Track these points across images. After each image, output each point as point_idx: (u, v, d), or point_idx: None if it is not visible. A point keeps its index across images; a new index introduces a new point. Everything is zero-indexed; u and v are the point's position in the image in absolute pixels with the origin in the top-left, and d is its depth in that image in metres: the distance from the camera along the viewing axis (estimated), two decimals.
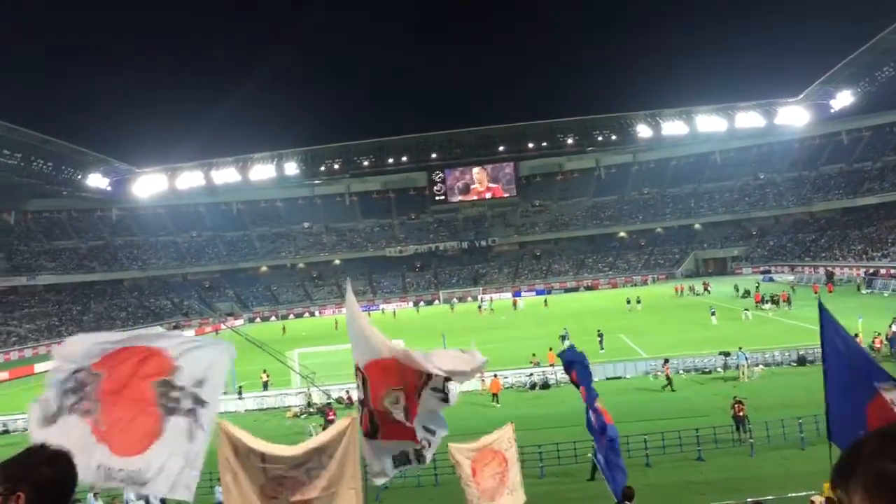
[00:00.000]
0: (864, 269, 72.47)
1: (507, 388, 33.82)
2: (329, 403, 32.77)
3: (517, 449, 13.79)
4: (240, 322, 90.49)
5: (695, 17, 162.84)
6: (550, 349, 37.93)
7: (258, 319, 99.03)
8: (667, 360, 32.31)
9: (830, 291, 64.74)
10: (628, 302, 67.59)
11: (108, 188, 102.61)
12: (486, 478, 12.71)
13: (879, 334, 33.54)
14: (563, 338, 43.44)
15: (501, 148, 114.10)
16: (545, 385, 33.96)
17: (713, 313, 51.60)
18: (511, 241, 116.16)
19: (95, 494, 20.17)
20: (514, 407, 30.22)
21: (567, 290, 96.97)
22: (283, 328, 76.32)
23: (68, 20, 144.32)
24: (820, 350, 28.86)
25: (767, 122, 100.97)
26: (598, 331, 45.35)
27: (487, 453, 12.93)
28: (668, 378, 31.31)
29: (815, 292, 65.48)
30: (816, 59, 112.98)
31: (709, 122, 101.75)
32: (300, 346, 47.68)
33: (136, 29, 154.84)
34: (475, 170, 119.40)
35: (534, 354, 38.15)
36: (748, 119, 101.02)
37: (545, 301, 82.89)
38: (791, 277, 79.18)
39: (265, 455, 7.14)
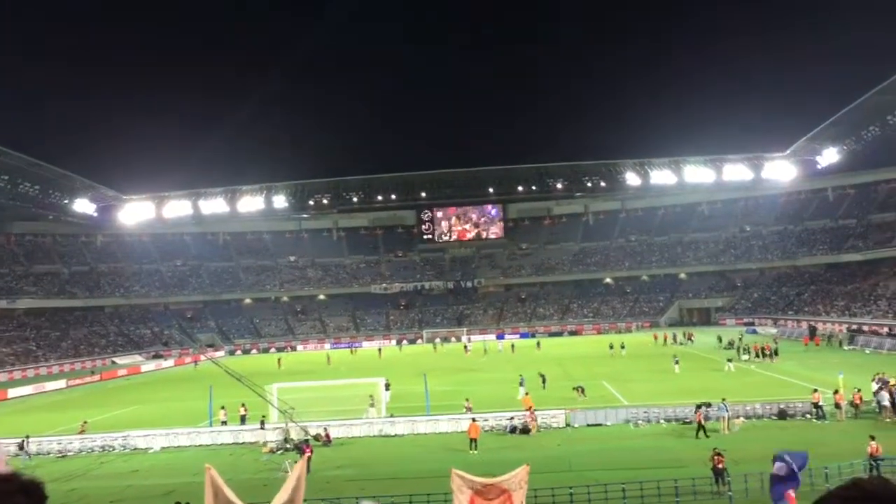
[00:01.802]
0: (847, 325, 72.83)
1: (487, 431, 33.45)
2: (307, 440, 32.33)
3: (526, 492, 13.57)
4: (220, 354, 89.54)
5: (686, 70, 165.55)
6: (527, 393, 37.76)
7: (239, 352, 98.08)
8: (699, 406, 31.92)
9: (818, 344, 65.66)
10: (611, 347, 68.27)
11: (95, 214, 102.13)
12: None
13: (860, 390, 33.52)
14: (521, 384, 43.41)
15: (490, 190, 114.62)
16: (525, 429, 33.62)
17: (676, 362, 52.43)
18: (497, 283, 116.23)
19: None
20: (493, 452, 29.83)
21: (551, 335, 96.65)
22: (279, 361, 75.27)
23: (61, 44, 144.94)
24: (801, 405, 28.89)
25: (755, 175, 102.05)
26: (540, 373, 46.85)
27: (494, 490, 12.73)
28: (700, 424, 30.91)
29: (806, 344, 66.07)
30: (804, 116, 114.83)
31: (697, 173, 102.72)
32: (292, 380, 47.25)
33: (129, 55, 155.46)
34: (463, 210, 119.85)
35: (467, 399, 37.78)
36: (735, 171, 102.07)
37: (538, 343, 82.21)
38: (774, 330, 79.39)
39: None
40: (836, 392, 32.81)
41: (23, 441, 34.41)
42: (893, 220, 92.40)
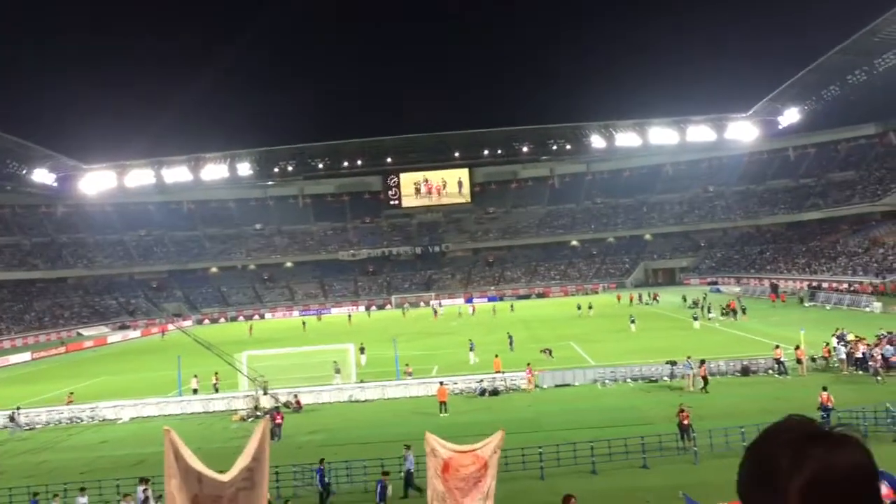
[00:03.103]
0: (808, 283, 74.31)
1: (457, 394, 33.78)
2: (277, 407, 32.42)
3: (499, 458, 13.64)
4: (188, 323, 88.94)
5: (649, 32, 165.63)
6: (496, 356, 38.15)
7: (206, 321, 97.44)
8: (703, 361, 32.31)
9: (784, 301, 67.23)
10: (579, 308, 69.60)
11: (54, 184, 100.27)
12: (457, 479, 12.50)
13: (828, 344, 34.50)
14: (471, 348, 43.99)
15: (457, 154, 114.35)
16: (495, 392, 34.01)
17: (633, 321, 53.69)
18: (464, 248, 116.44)
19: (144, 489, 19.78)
20: (463, 414, 30.18)
21: (519, 297, 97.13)
22: (251, 328, 75.31)
23: (16, 11, 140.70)
24: (763, 361, 29.45)
25: (718, 136, 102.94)
26: (508, 333, 49.00)
27: (469, 456, 12.75)
28: (704, 379, 31.48)
29: (773, 301, 67.53)
30: (765, 77, 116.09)
31: (661, 135, 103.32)
32: (264, 347, 47.18)
33: (87, 21, 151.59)
34: (430, 175, 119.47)
35: (407, 364, 38.40)
36: (699, 132, 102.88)
37: (511, 306, 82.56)
38: (737, 289, 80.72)
39: (201, 476, 7.23)
40: (797, 348, 33.58)
41: (13, 413, 34.18)
42: (853, 179, 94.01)
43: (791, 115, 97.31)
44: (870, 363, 31.56)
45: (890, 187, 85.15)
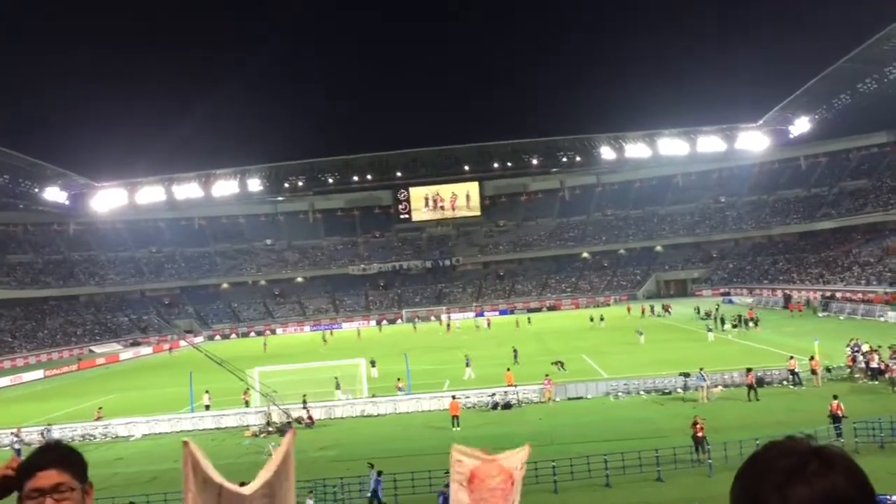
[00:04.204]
0: (821, 293, 73.80)
1: (469, 408, 33.65)
2: (289, 423, 32.36)
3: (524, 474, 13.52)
4: (199, 339, 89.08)
5: (659, 42, 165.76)
6: (508, 370, 38.01)
7: (218, 337, 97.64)
8: (749, 370, 32.25)
9: (800, 311, 67.09)
10: (591, 319, 69.83)
11: (66, 202, 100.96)
12: (483, 489, 12.38)
13: (852, 353, 34.40)
14: (467, 363, 43.52)
15: (466, 167, 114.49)
16: (507, 405, 33.87)
17: (640, 334, 53.37)
18: (475, 261, 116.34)
19: None
20: (476, 428, 30.05)
21: (530, 310, 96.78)
22: (265, 344, 75.24)
23: (30, 31, 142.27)
24: (777, 372, 29.19)
25: (728, 146, 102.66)
26: (514, 348, 48.34)
27: (495, 467, 12.65)
28: (750, 386, 31.28)
29: (791, 311, 67.41)
30: (776, 86, 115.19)
31: (671, 146, 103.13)
32: (280, 362, 47.15)
33: (99, 41, 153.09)
34: (440, 189, 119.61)
35: (398, 379, 38.14)
36: (709, 143, 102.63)
37: (528, 319, 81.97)
38: (750, 300, 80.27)
39: (221, 489, 7.13)
40: (811, 358, 33.32)
41: (43, 430, 34.26)
42: (865, 187, 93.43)
43: (802, 125, 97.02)
44: (886, 374, 31.30)
45: None
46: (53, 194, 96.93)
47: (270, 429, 32.73)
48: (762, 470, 1.43)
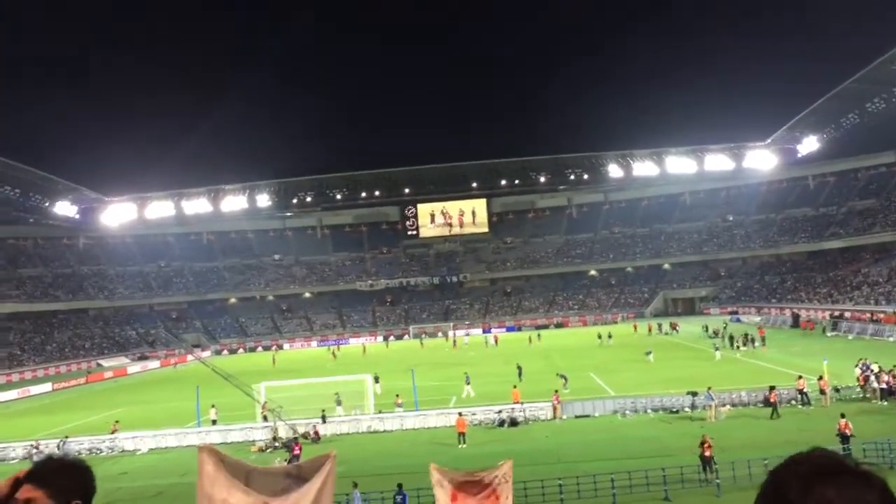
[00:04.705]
0: (829, 312, 73.49)
1: (476, 425, 33.57)
2: (295, 438, 32.32)
3: (512, 487, 13.50)
4: (207, 354, 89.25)
5: (668, 61, 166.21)
6: (515, 387, 37.89)
7: (225, 351, 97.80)
8: (773, 388, 32.17)
9: (811, 329, 67.64)
10: (599, 337, 69.80)
11: (77, 216, 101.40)
12: None
13: (865, 372, 34.09)
14: (467, 381, 43.05)
15: (474, 184, 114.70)
16: (514, 422, 33.78)
17: (648, 353, 53.06)
18: (482, 278, 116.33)
19: None
20: (482, 445, 29.95)
21: (537, 328, 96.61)
22: (274, 359, 75.70)
23: (42, 45, 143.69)
24: (786, 392, 29.02)
25: (736, 164, 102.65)
26: (518, 365, 47.71)
27: (476, 485, 12.63)
28: (773, 404, 31.31)
29: (803, 328, 67.53)
30: (784, 105, 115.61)
31: (679, 164, 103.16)
32: (289, 377, 47.24)
33: (109, 56, 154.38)
34: (448, 205, 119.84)
35: (397, 395, 37.92)
36: (717, 161, 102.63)
37: (538, 335, 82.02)
38: (758, 319, 79.96)
39: (249, 474, 7.06)
40: (820, 378, 33.16)
41: (59, 443, 34.38)
42: (874, 207, 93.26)
43: (810, 144, 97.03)
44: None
45: None
46: (64, 208, 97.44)
47: (277, 444, 32.70)
48: (796, 463, 1.43)
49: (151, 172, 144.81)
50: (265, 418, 36.62)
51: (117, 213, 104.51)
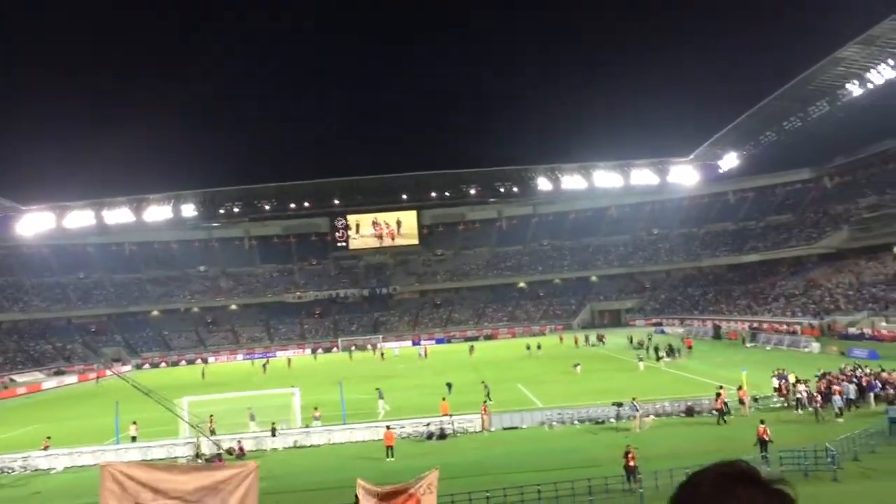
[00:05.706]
0: (749, 324, 75.85)
1: (404, 438, 33.35)
2: (219, 454, 31.60)
3: (436, 497, 13.37)
4: (127, 368, 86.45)
5: (595, 78, 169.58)
6: (444, 399, 37.81)
7: (147, 365, 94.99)
8: (719, 394, 32.68)
9: (736, 339, 70.30)
10: (528, 348, 70.82)
11: None
12: None
13: (794, 382, 34.91)
14: (380, 395, 42.07)
15: (404, 196, 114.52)
16: (442, 435, 33.69)
17: (576, 366, 53.48)
18: (412, 290, 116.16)
19: None
20: (411, 458, 29.73)
21: (467, 339, 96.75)
22: (203, 372, 74.05)
23: None
24: (707, 402, 29.74)
25: (661, 179, 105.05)
26: (448, 383, 45.62)
27: (399, 495, 12.52)
28: (720, 411, 31.76)
29: (735, 339, 69.67)
30: (707, 121, 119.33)
31: (606, 178, 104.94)
32: (219, 391, 46.06)
33: (25, 58, 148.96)
34: (378, 216, 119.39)
35: (315, 408, 37.30)
36: (643, 176, 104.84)
37: (471, 347, 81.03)
38: (681, 330, 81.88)
39: (158, 484, 6.81)
40: (739, 388, 34.08)
41: None
42: (789, 222, 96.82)
43: (730, 160, 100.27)
44: (812, 404, 32.14)
45: (825, 230, 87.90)
46: None
47: (199, 460, 31.86)
48: (698, 484, 1.49)
49: (71, 181, 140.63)
50: (213, 432, 35.66)
51: (33, 223, 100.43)
